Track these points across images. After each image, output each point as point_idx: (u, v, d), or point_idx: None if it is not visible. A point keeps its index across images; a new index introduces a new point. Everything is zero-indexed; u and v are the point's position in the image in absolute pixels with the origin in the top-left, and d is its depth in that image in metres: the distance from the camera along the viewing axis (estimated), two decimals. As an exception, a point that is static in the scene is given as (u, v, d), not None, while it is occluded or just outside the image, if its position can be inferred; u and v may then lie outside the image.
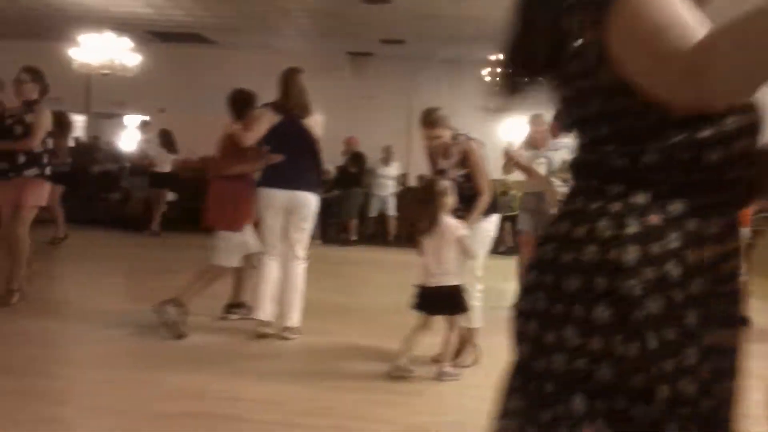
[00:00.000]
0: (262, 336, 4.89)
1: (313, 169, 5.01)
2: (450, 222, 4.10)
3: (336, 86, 6.39)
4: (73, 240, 9.54)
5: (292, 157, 4.85)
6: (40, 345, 4.52)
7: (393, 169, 12.35)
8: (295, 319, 4.95)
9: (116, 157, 13.91)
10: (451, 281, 4.09)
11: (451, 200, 4.13)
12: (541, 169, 5.78)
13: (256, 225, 5.16)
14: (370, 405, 3.69)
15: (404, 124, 14.83)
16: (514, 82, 1.38)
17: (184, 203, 12.70)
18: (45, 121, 5.47)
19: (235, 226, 5.06)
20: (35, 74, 5.54)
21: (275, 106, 4.95)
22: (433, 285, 4.09)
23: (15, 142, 5.35)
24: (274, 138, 4.88)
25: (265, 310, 4.91)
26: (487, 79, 12.37)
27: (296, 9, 11.59)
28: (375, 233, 12.43)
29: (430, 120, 4.47)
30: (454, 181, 4.34)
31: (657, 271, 1.03)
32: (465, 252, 4.14)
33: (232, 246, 5.07)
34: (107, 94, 14.93)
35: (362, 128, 13.10)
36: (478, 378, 4.28)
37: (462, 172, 4.44)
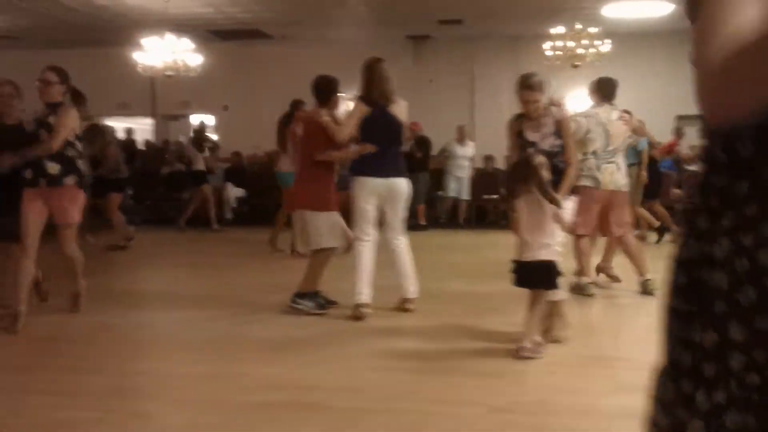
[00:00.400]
0: (360, 318, 4.99)
1: (401, 155, 5.27)
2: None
3: (396, 72, 6.33)
4: (148, 239, 9.79)
5: (384, 146, 5.02)
6: (124, 342, 4.63)
7: (469, 149, 12.15)
8: (412, 290, 5.18)
9: (184, 157, 14.18)
10: (547, 256, 4.09)
11: (547, 174, 4.11)
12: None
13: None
14: (452, 388, 3.64)
15: (467, 105, 14.67)
16: None
17: (252, 199, 12.91)
18: (68, 122, 4.83)
19: (330, 206, 5.18)
20: (62, 74, 4.94)
21: (363, 99, 5.08)
22: (530, 259, 4.09)
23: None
24: (366, 128, 5.02)
25: (364, 294, 5.05)
26: (549, 53, 12.07)
27: (353, -3, 11.57)
28: (445, 217, 12.36)
29: (531, 83, 4.53)
30: (547, 153, 4.38)
31: None
32: (562, 227, 4.18)
33: (329, 226, 5.16)
34: (172, 95, 15.25)
35: (425, 112, 12.95)
36: (559, 356, 4.19)
37: (558, 141, 4.52)
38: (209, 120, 16.00)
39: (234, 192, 12.74)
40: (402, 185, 5.14)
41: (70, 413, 3.25)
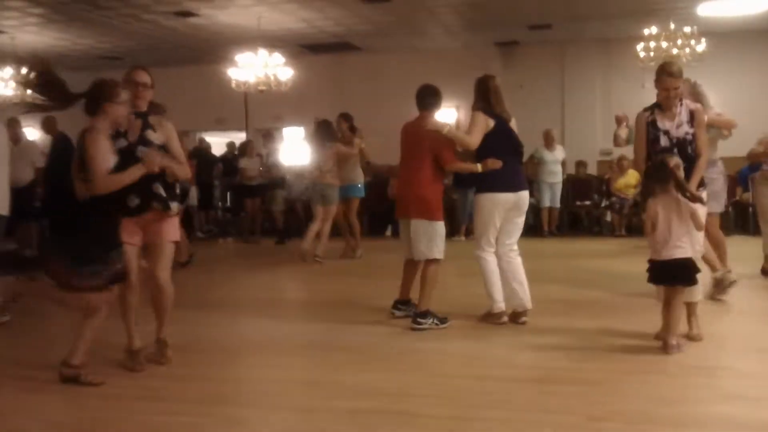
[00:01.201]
0: (500, 323, 5.10)
1: (523, 168, 5.38)
2: (682, 198, 4.22)
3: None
4: (238, 249, 10.06)
5: (512, 158, 5.15)
6: (220, 350, 4.78)
7: (559, 154, 11.90)
8: (527, 302, 5.16)
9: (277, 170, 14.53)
10: (684, 254, 4.21)
11: (682, 173, 4.27)
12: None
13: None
14: (546, 396, 3.57)
15: (558, 111, 14.40)
16: None
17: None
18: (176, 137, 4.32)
19: (437, 214, 5.21)
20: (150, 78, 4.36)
21: (486, 111, 5.11)
22: (667, 258, 4.21)
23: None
24: (491, 141, 5.06)
25: (501, 302, 5.15)
26: (642, 55, 11.71)
27: (442, 5, 11.57)
28: (533, 225, 12.18)
29: (673, 71, 4.59)
30: (681, 140, 4.56)
31: None
32: (697, 226, 4.27)
33: (436, 236, 5.18)
34: (265, 109, 15.68)
35: (516, 119, 12.88)
36: (659, 364, 4.05)
37: (692, 130, 4.61)
38: (300, 132, 16.37)
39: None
40: (527, 198, 5.28)
41: (167, 418, 3.38)
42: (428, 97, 5.30)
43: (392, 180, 12.67)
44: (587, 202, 12.04)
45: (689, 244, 4.26)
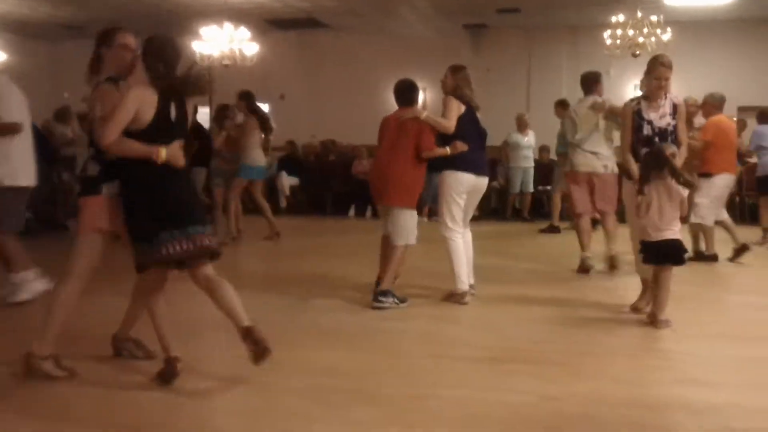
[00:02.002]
0: (464, 303, 5.25)
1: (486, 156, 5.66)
2: (676, 185, 4.53)
3: (453, 62, 6.34)
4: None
5: (477, 144, 5.39)
6: (186, 330, 4.72)
7: (531, 138, 11.90)
8: (472, 277, 5.50)
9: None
10: (674, 235, 4.55)
11: (679, 162, 4.64)
12: None
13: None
14: (502, 375, 3.62)
15: (523, 96, 14.47)
16: None
17: (308, 188, 13.04)
18: None
19: (415, 202, 5.41)
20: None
21: (459, 97, 5.36)
22: (659, 239, 4.53)
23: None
24: (460, 127, 5.30)
25: (466, 282, 5.35)
26: (609, 42, 11.81)
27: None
28: (496, 208, 12.26)
29: (667, 62, 4.87)
30: (663, 130, 4.85)
31: None
32: (683, 212, 4.63)
33: (414, 224, 5.35)
34: (229, 85, 15.46)
35: (481, 103, 12.90)
36: (615, 347, 4.12)
37: (673, 122, 4.90)
38: (265, 109, 16.19)
39: (288, 180, 12.87)
40: (486, 184, 5.56)
41: (129, 392, 3.35)
42: (407, 93, 5.48)
43: (357, 160, 12.65)
44: (548, 187, 12.13)
45: (678, 227, 4.59)
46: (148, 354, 3.82)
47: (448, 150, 5.27)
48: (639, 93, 5.38)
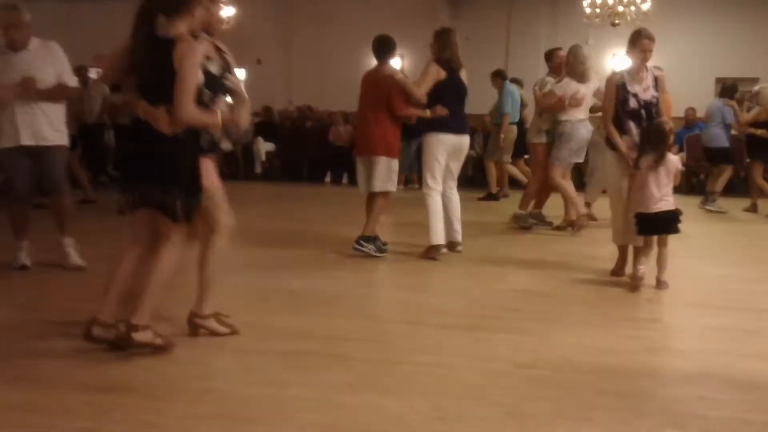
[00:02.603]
0: (436, 258, 5.56)
1: (465, 116, 5.88)
2: (672, 157, 4.77)
3: (433, 29, 6.33)
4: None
5: (458, 106, 5.66)
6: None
7: None
8: (460, 235, 5.87)
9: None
10: (670, 206, 4.77)
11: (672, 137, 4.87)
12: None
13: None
14: (476, 342, 3.64)
15: (502, 64, 14.38)
16: None
17: (283, 154, 12.95)
18: None
19: (396, 153, 5.66)
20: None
21: (439, 62, 5.59)
22: (657, 210, 4.73)
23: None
24: (441, 90, 5.54)
25: (441, 237, 5.64)
26: (588, 11, 11.77)
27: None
28: (472, 176, 12.26)
29: (650, 34, 5.02)
30: (648, 102, 4.97)
31: None
32: (677, 181, 4.85)
33: (393, 172, 5.64)
34: (205, 49, 15.20)
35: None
36: (587, 316, 4.17)
37: (656, 94, 5.02)
38: (241, 74, 15.97)
39: (264, 146, 12.77)
40: (468, 142, 5.88)
41: (109, 356, 3.32)
42: (385, 48, 5.71)
43: (333, 126, 12.57)
44: (526, 157, 12.13)
45: (672, 197, 4.80)
46: (233, 329, 3.66)
47: (428, 112, 5.53)
48: (615, 61, 5.55)
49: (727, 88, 9.33)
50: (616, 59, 13.17)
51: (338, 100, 13.42)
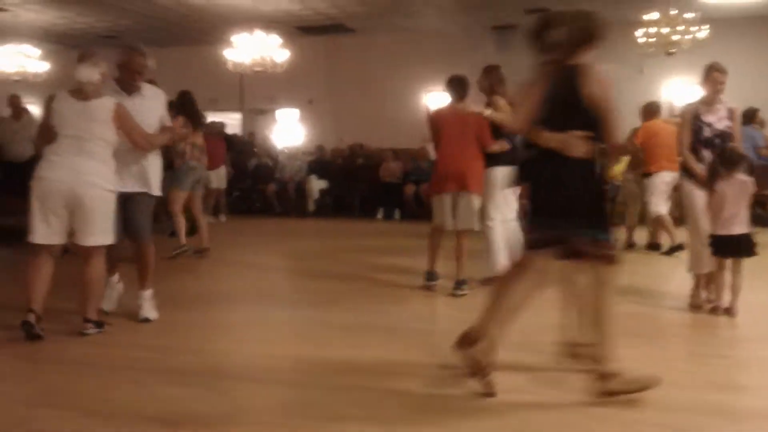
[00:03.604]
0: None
1: None
2: (747, 179, 4.87)
3: (481, 62, 6.37)
4: (237, 228, 10.06)
5: (512, 141, 5.73)
6: (218, 324, 4.79)
7: None
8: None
9: (270, 150, 14.52)
10: (746, 229, 4.86)
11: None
12: None
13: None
14: (538, 378, 3.58)
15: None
16: None
17: (335, 191, 13.09)
18: None
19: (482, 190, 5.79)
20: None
21: (502, 98, 5.72)
22: (733, 233, 4.82)
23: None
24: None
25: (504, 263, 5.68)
26: (642, 40, 11.67)
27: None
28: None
29: (723, 68, 5.21)
30: (721, 132, 5.14)
31: None
32: (749, 205, 4.94)
33: (478, 210, 5.76)
34: (259, 90, 15.61)
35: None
36: (647, 351, 4.07)
37: (730, 124, 5.20)
38: (294, 114, 16.31)
39: (317, 184, 12.94)
40: None
41: (161, 388, 3.41)
42: (465, 87, 5.81)
43: (384, 163, 12.67)
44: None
45: (747, 221, 4.90)
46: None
47: (506, 145, 5.68)
48: (670, 90, 5.60)
49: (749, 114, 9.27)
50: (671, 88, 13.02)
51: (388, 137, 13.57)
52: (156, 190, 4.90)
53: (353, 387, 3.44)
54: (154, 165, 4.87)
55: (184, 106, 7.22)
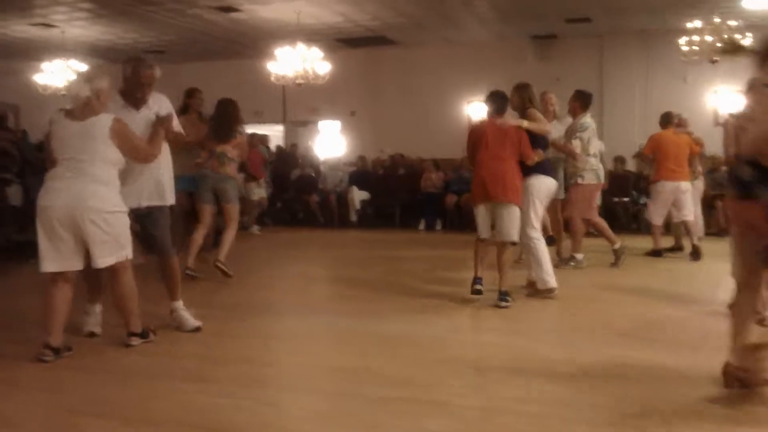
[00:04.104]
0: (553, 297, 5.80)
1: None
2: None
3: (521, 71, 6.40)
4: (282, 238, 10.17)
5: (546, 151, 6.14)
6: (260, 335, 4.85)
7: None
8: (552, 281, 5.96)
9: (312, 161, 14.66)
10: None
11: None
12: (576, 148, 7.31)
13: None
14: (580, 393, 3.54)
15: (596, 104, 14.20)
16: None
17: (377, 201, 13.15)
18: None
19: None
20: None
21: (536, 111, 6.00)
22: None
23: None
24: (537, 137, 5.87)
25: (554, 279, 5.87)
26: (685, 48, 11.50)
27: (477, -3, 11.51)
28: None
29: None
30: None
31: None
32: None
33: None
34: (302, 102, 15.79)
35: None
36: (700, 368, 4.00)
37: None
38: (336, 125, 16.45)
39: (358, 195, 13.02)
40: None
41: (206, 398, 3.47)
42: (501, 101, 5.93)
43: (425, 174, 12.68)
44: (625, 199, 11.86)
45: None
46: None
47: (542, 155, 5.90)
48: (714, 98, 5.62)
49: None
50: (716, 96, 12.78)
51: (429, 147, 13.58)
52: (171, 199, 4.75)
53: (394, 398, 3.44)
54: (167, 174, 4.73)
55: (216, 113, 6.99)
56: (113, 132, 4.14)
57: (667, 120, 8.48)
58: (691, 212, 8.43)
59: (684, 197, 8.28)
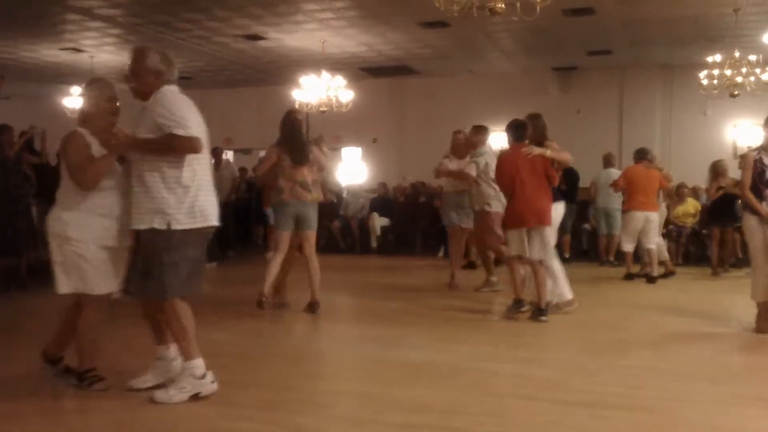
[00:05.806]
0: (572, 309, 6.43)
1: None
2: None
3: (543, 103, 6.51)
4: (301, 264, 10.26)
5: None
6: (283, 359, 4.95)
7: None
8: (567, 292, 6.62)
9: (335, 188, 14.80)
10: None
11: None
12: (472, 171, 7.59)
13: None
14: (596, 420, 3.60)
15: (615, 136, 14.31)
16: None
17: (398, 228, 13.25)
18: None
19: None
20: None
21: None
22: None
23: None
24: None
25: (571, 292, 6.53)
26: (705, 82, 11.57)
27: (500, 30, 11.69)
28: (588, 250, 12.01)
29: None
30: None
31: None
32: None
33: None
34: (325, 130, 15.97)
35: (572, 143, 12.85)
36: (712, 392, 4.03)
37: None
38: (358, 152, 16.63)
39: (379, 221, 13.12)
40: None
41: (229, 423, 3.56)
42: (521, 130, 6.36)
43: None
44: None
45: None
46: None
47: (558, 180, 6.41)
48: (734, 132, 5.81)
49: None
50: (736, 129, 12.82)
51: (450, 175, 13.67)
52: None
53: (414, 425, 3.51)
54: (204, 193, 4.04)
55: (283, 136, 6.71)
56: (60, 147, 4.07)
57: (641, 155, 9.07)
58: (654, 242, 8.99)
59: (650, 227, 8.87)
